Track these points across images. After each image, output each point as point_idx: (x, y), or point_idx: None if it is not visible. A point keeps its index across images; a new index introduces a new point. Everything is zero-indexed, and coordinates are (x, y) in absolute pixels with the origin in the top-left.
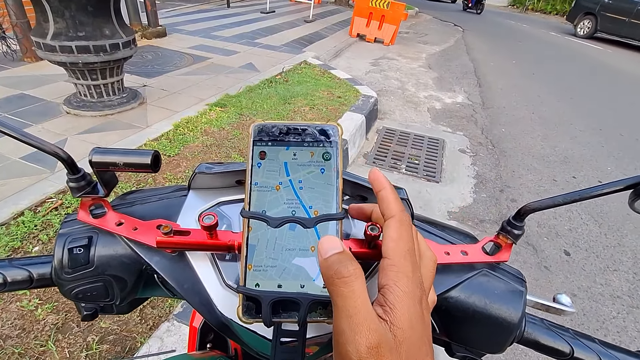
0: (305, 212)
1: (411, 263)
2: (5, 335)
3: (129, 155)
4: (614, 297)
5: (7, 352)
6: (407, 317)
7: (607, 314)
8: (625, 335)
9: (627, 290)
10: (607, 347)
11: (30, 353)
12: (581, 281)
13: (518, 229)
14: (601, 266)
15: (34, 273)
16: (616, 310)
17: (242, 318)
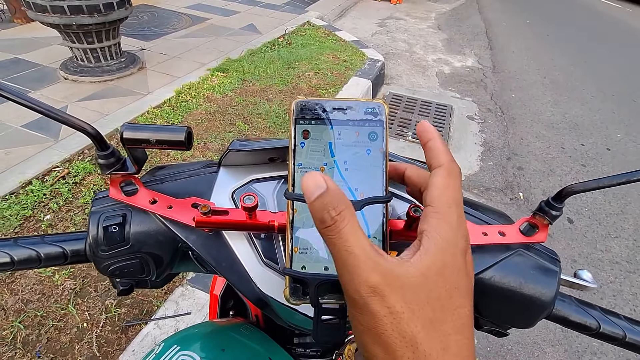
0: (351, 194)
1: (457, 214)
2: (27, 300)
3: (161, 131)
4: (613, 263)
5: (30, 314)
6: (440, 265)
7: (604, 279)
8: (620, 298)
9: (625, 256)
10: (633, 323)
11: (52, 316)
12: (582, 248)
13: (557, 209)
14: (603, 233)
15: (68, 250)
16: (614, 275)
17: (290, 299)
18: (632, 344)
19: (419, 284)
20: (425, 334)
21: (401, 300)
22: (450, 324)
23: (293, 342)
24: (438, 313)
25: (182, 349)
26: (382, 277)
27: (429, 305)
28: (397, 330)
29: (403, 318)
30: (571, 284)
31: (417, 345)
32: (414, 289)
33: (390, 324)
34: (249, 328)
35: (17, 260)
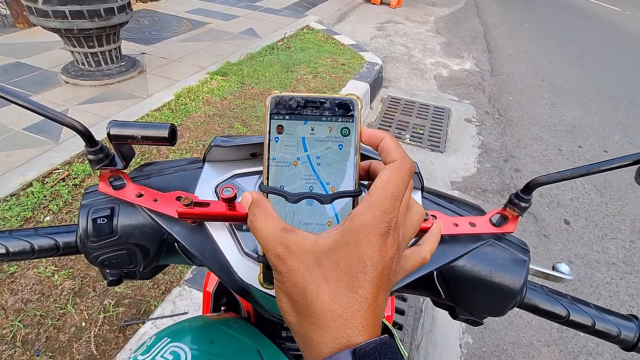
0: (322, 189)
1: (389, 206)
2: (26, 299)
3: (146, 128)
4: (609, 264)
5: (30, 314)
6: (354, 239)
7: (601, 280)
8: (616, 299)
9: (622, 257)
10: (602, 311)
11: (51, 315)
12: (579, 249)
13: (525, 202)
14: (599, 234)
15: (60, 242)
16: (610, 276)
17: (264, 284)
18: (602, 332)
19: (321, 251)
20: (314, 286)
21: (298, 261)
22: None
23: (282, 337)
24: (333, 273)
25: (172, 341)
26: (285, 247)
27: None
28: (292, 282)
29: (297, 273)
30: (547, 275)
31: (305, 292)
32: (314, 254)
33: (287, 278)
34: (239, 322)
35: (12, 251)
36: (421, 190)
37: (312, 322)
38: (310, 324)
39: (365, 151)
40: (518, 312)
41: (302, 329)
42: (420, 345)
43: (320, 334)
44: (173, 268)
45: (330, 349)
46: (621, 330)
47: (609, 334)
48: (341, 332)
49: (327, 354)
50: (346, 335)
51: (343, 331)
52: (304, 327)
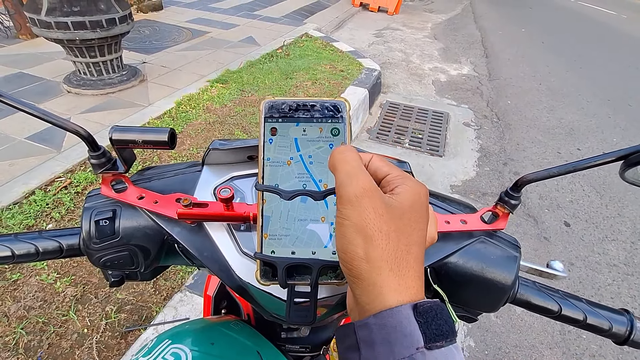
0: (315, 186)
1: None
2: (29, 307)
3: (147, 132)
4: (611, 266)
5: (32, 321)
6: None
7: (602, 282)
8: (618, 300)
9: (623, 258)
10: (593, 305)
11: (54, 322)
12: (579, 251)
13: (515, 199)
14: (600, 236)
15: (64, 244)
16: (612, 277)
17: (260, 281)
18: (593, 326)
19: (396, 207)
20: (396, 235)
21: (383, 207)
22: (414, 238)
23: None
24: (407, 227)
25: (173, 343)
26: (372, 186)
27: (402, 220)
28: (377, 226)
29: (383, 218)
30: (541, 272)
31: (389, 239)
32: (392, 206)
33: (373, 219)
34: (239, 324)
35: (17, 254)
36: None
37: (379, 269)
38: (379, 271)
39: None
40: (520, 315)
41: (368, 274)
42: None
43: (383, 280)
44: (174, 274)
45: (393, 300)
46: (613, 324)
47: (600, 328)
48: (401, 286)
49: (391, 304)
50: (405, 290)
51: (403, 285)
52: (372, 271)
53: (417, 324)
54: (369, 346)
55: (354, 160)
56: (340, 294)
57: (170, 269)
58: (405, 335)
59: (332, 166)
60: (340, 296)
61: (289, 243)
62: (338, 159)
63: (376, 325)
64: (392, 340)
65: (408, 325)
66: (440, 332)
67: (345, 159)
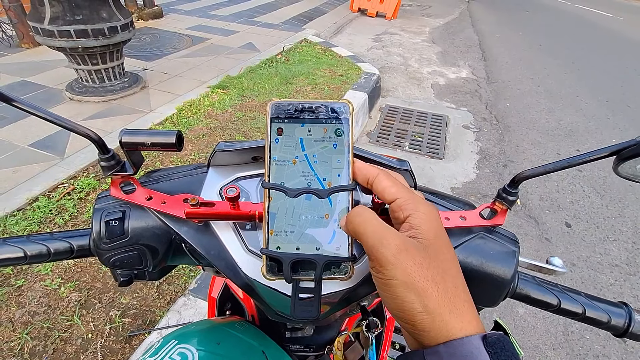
0: (319, 184)
1: (418, 195)
2: (33, 312)
3: (155, 135)
4: (612, 266)
5: (37, 326)
6: (433, 230)
7: (604, 282)
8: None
9: (625, 259)
10: (592, 299)
11: (58, 327)
12: (581, 251)
13: (512, 195)
14: (601, 236)
15: (74, 244)
16: (614, 278)
17: (266, 275)
18: (592, 319)
19: (427, 246)
20: (440, 277)
21: (420, 255)
22: (453, 268)
23: (287, 339)
24: (445, 263)
25: (179, 343)
26: (403, 240)
27: (438, 258)
28: (423, 275)
29: (423, 266)
30: (541, 268)
31: (437, 284)
32: (425, 249)
33: (417, 272)
34: (244, 324)
35: (30, 254)
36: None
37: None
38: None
39: (357, 151)
40: (522, 316)
41: (432, 324)
42: None
43: (447, 324)
44: (177, 278)
45: (459, 334)
46: (611, 316)
47: (599, 321)
48: (464, 323)
49: (458, 336)
50: (468, 325)
51: (465, 322)
52: (434, 321)
53: (488, 354)
54: None
55: (375, 219)
56: (344, 291)
57: (173, 273)
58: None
59: (354, 230)
60: (344, 293)
61: (294, 239)
62: (358, 222)
63: (447, 354)
64: None
65: (479, 355)
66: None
67: (366, 220)
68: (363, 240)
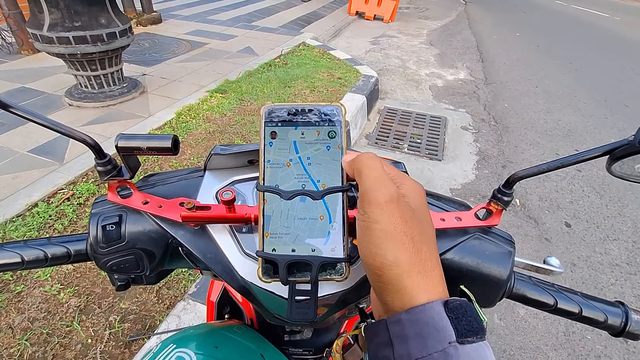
0: (314, 186)
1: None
2: (33, 318)
3: (151, 140)
4: (613, 265)
5: (36, 332)
6: (419, 200)
7: (605, 282)
8: (622, 300)
9: (625, 258)
10: (588, 298)
11: (58, 333)
12: (581, 251)
13: (507, 195)
14: (601, 236)
15: (72, 249)
16: (614, 277)
17: (262, 278)
18: (589, 318)
19: (414, 210)
20: (419, 237)
21: (408, 212)
22: (431, 237)
23: (286, 343)
24: (425, 229)
25: (177, 347)
26: (398, 194)
27: (421, 222)
28: (403, 231)
29: (408, 223)
30: (538, 268)
31: (414, 243)
32: (412, 211)
33: (400, 225)
34: (242, 328)
35: (27, 260)
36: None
37: (409, 272)
38: (409, 274)
39: None
40: (523, 317)
41: (398, 278)
42: None
43: (413, 283)
44: (177, 282)
45: (423, 298)
46: (608, 316)
47: (596, 320)
48: (429, 286)
49: (421, 301)
50: (434, 289)
51: (431, 285)
52: (402, 276)
53: (449, 319)
54: (402, 341)
55: (380, 167)
56: (340, 292)
57: (172, 277)
58: (437, 330)
59: (358, 170)
60: (340, 294)
61: (289, 241)
62: (365, 164)
63: (408, 321)
64: (424, 334)
65: (440, 321)
66: (470, 328)
67: (373, 165)
68: (362, 180)
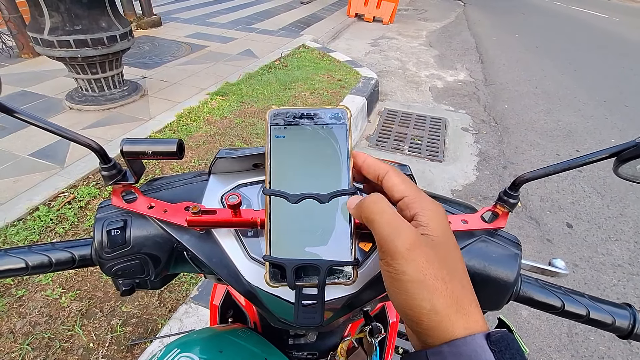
0: (320, 189)
1: (424, 194)
2: (34, 322)
3: (156, 144)
4: (615, 266)
5: (38, 337)
6: (441, 229)
7: (607, 282)
8: (624, 300)
9: (627, 258)
10: (596, 300)
11: (59, 337)
12: (583, 252)
13: (513, 198)
14: (603, 237)
15: (76, 254)
16: (617, 278)
17: (269, 282)
18: (597, 321)
19: (436, 245)
20: (449, 276)
21: (432, 252)
22: (460, 267)
23: (290, 346)
24: (452, 263)
25: (182, 352)
26: (417, 235)
27: (447, 258)
28: (433, 274)
29: (434, 265)
30: (543, 270)
31: (446, 283)
32: (434, 247)
33: (428, 269)
34: (246, 332)
35: (31, 265)
36: None
37: (448, 316)
38: (448, 317)
39: None
40: (526, 318)
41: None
42: None
43: (454, 323)
44: (178, 286)
45: (463, 331)
46: (615, 318)
47: (603, 323)
48: (469, 323)
49: (464, 334)
50: (474, 324)
51: (471, 321)
52: (442, 320)
53: (492, 353)
54: None
55: (390, 211)
56: (347, 296)
57: (174, 281)
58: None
59: (367, 217)
60: (347, 298)
61: (297, 245)
62: (373, 210)
63: (450, 354)
64: None
65: (483, 354)
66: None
67: (383, 209)
68: (376, 229)
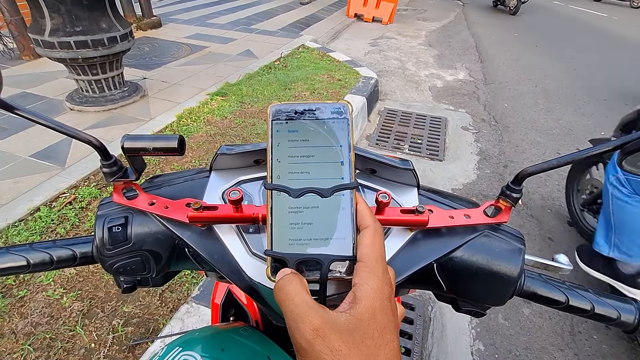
0: (322, 183)
1: (382, 266)
2: (36, 323)
3: (157, 140)
4: None
5: (39, 337)
6: (370, 310)
7: None
8: None
9: None
10: (600, 295)
11: (61, 337)
12: None
13: (516, 192)
14: None
15: (77, 252)
16: None
17: (271, 277)
18: (602, 316)
19: (355, 328)
20: None
21: (339, 340)
22: (382, 357)
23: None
24: (372, 349)
25: (183, 350)
26: (323, 321)
27: (364, 344)
28: None
29: (341, 355)
30: (546, 266)
31: None
32: (350, 332)
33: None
34: (248, 330)
35: (33, 263)
36: (417, 187)
37: None
38: None
39: (359, 151)
40: (528, 317)
41: None
42: (431, 354)
43: None
44: (180, 285)
45: None
46: (621, 313)
47: (609, 317)
48: None
49: None
50: None
51: None
52: None
53: None
54: None
55: (297, 295)
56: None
57: (175, 280)
58: None
59: (278, 301)
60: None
61: (298, 239)
62: (280, 296)
63: None
64: None
65: None
66: None
67: (288, 294)
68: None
